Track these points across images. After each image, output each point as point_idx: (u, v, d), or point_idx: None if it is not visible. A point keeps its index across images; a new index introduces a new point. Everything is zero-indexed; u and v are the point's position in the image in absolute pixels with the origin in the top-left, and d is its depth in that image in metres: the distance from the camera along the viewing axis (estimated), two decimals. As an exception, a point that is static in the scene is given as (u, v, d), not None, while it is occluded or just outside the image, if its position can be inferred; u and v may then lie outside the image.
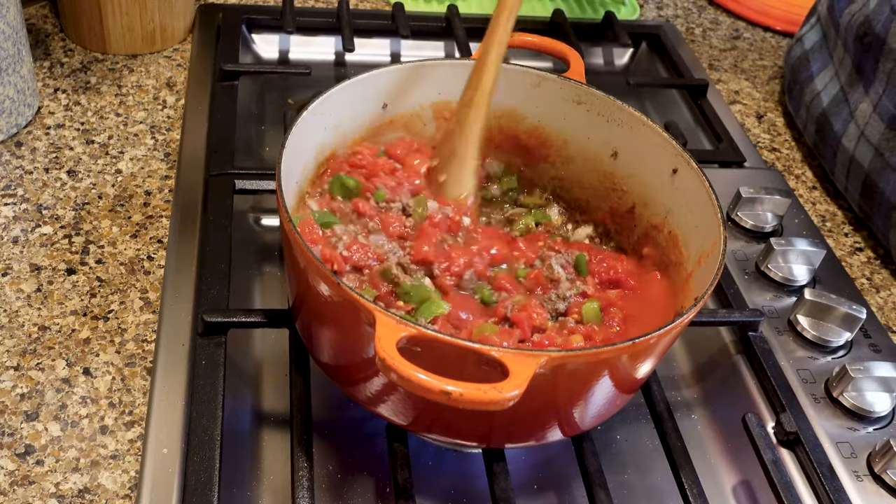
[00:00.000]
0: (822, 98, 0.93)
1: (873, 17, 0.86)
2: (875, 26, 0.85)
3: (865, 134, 0.83)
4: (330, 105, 0.64)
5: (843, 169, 0.88)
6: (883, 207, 0.83)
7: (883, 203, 0.83)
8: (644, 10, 1.19)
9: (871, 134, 0.83)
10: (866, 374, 0.66)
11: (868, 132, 0.83)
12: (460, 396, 0.44)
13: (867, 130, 0.83)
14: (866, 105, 0.85)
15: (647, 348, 0.52)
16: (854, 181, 0.87)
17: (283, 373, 0.65)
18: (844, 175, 0.88)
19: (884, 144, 0.82)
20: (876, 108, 0.83)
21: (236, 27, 0.96)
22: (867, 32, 0.86)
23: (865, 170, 0.84)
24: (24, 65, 0.81)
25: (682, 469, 0.60)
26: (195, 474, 0.55)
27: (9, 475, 0.57)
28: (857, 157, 0.85)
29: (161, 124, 0.86)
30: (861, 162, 0.85)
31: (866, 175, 0.84)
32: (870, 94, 0.85)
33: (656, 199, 0.66)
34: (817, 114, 0.93)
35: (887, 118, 0.82)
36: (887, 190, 0.82)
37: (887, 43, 0.82)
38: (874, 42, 0.85)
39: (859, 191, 0.87)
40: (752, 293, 0.75)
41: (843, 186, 0.90)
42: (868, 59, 0.86)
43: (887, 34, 0.83)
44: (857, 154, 0.85)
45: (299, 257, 0.52)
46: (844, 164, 0.88)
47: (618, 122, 0.67)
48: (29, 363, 0.63)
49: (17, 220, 0.74)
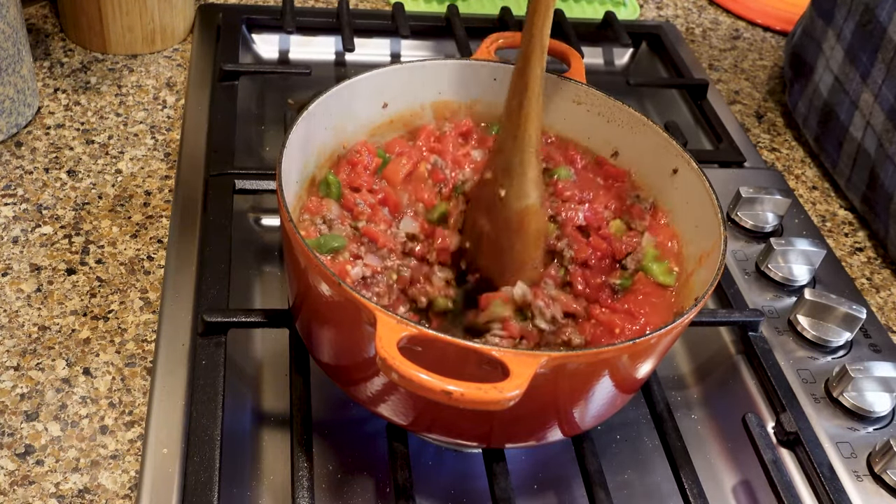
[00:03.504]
0: (821, 89, 0.92)
1: (876, 5, 0.85)
2: (879, 14, 0.84)
3: (871, 123, 0.83)
4: (330, 105, 0.63)
5: (848, 160, 0.88)
6: (883, 199, 0.83)
7: (883, 195, 0.83)
8: (644, 10, 1.19)
9: (875, 124, 0.83)
10: (866, 374, 0.66)
11: (873, 122, 0.83)
12: (461, 396, 0.44)
13: (872, 120, 0.83)
14: (868, 95, 0.85)
15: (647, 348, 0.52)
16: (860, 171, 0.86)
17: (283, 373, 0.65)
18: (850, 167, 0.88)
19: (884, 136, 0.82)
20: (877, 99, 0.83)
21: (236, 27, 0.96)
22: (870, 20, 0.85)
23: (872, 159, 0.84)
24: (24, 65, 0.81)
25: (682, 469, 0.60)
26: (195, 474, 0.55)
27: (9, 475, 0.57)
28: (864, 146, 0.85)
29: (161, 124, 0.86)
30: (868, 151, 0.84)
31: (872, 165, 0.84)
32: (868, 83, 0.84)
33: (657, 199, 0.66)
34: (820, 104, 0.93)
35: (887, 108, 0.82)
36: (887, 181, 0.82)
37: (888, 33, 0.82)
38: (875, 30, 0.84)
39: (865, 181, 0.86)
40: (752, 293, 0.75)
41: (846, 179, 0.90)
42: (866, 48, 0.85)
43: (889, 23, 0.82)
44: (864, 143, 0.84)
45: (299, 257, 0.52)
46: (851, 155, 0.87)
47: (618, 123, 0.67)
48: (29, 363, 0.63)
49: (17, 220, 0.74)
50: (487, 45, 0.72)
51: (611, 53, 1.09)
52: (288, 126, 0.59)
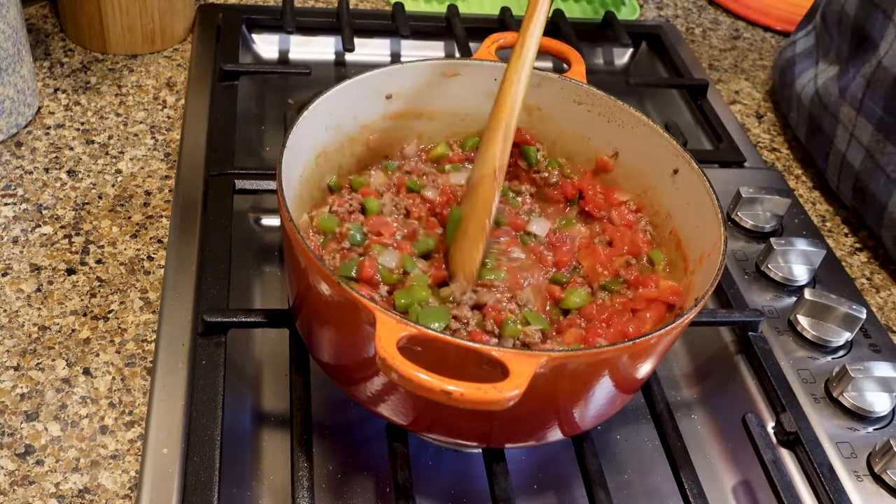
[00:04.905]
0: (804, 98, 0.93)
1: (866, 18, 0.86)
2: (869, 28, 0.85)
3: (855, 135, 0.83)
4: (330, 105, 0.63)
5: (834, 170, 0.89)
6: (875, 209, 0.83)
7: (874, 204, 0.83)
8: (644, 10, 1.19)
9: (860, 136, 0.83)
10: (866, 374, 0.66)
11: (857, 134, 0.83)
12: (461, 396, 0.44)
13: (856, 132, 0.83)
14: (847, 108, 0.85)
15: (647, 348, 0.52)
16: (846, 182, 0.87)
17: (283, 373, 0.65)
18: (836, 176, 0.89)
19: (874, 146, 0.82)
20: (860, 111, 0.83)
21: (236, 27, 0.96)
22: (861, 26, 0.86)
23: (856, 171, 0.84)
24: (24, 65, 0.81)
25: (682, 469, 0.60)
26: (195, 474, 0.55)
27: (9, 475, 0.57)
28: (848, 158, 0.85)
29: (161, 124, 0.86)
30: (852, 163, 0.85)
31: (856, 176, 0.84)
32: (846, 97, 0.85)
33: (657, 200, 0.66)
34: (806, 115, 0.93)
35: (875, 120, 0.82)
36: (877, 191, 0.82)
37: (880, 48, 0.82)
38: (866, 41, 0.85)
39: (850, 192, 0.87)
40: (752, 293, 0.75)
41: (835, 186, 0.90)
42: (856, 58, 0.86)
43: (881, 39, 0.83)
44: (848, 156, 0.85)
45: (300, 257, 0.52)
46: (836, 166, 0.88)
47: (619, 123, 0.67)
48: (29, 363, 0.63)
49: (17, 220, 0.74)
50: (487, 46, 0.72)
51: (611, 53, 1.09)
52: (288, 126, 0.59)
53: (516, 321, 0.57)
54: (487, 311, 0.57)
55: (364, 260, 0.58)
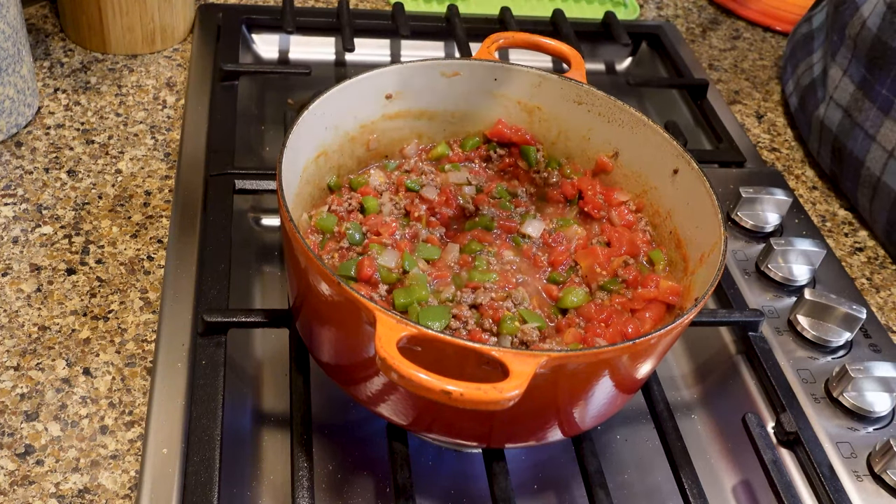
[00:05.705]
0: (814, 70, 0.93)
1: None
2: None
3: (834, 97, 0.84)
4: (330, 105, 0.64)
5: (816, 135, 0.89)
6: (852, 168, 0.84)
7: (852, 163, 0.84)
8: (644, 10, 1.19)
9: (840, 97, 0.84)
10: (866, 374, 0.66)
11: (837, 95, 0.84)
12: (460, 396, 0.44)
13: (836, 94, 0.84)
14: (836, 70, 0.86)
15: (647, 348, 0.52)
16: (825, 145, 0.87)
17: (283, 373, 0.65)
18: (818, 141, 0.89)
19: (853, 105, 0.83)
20: (846, 72, 0.84)
21: (236, 27, 0.96)
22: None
23: (834, 132, 0.85)
24: (24, 65, 0.81)
25: (682, 469, 0.60)
26: (195, 474, 0.55)
27: (9, 475, 0.57)
28: (825, 122, 0.86)
29: (161, 124, 0.86)
30: (830, 126, 0.85)
31: (835, 137, 0.85)
32: (837, 59, 0.85)
33: (657, 200, 0.66)
34: (805, 84, 0.94)
35: (858, 79, 0.82)
36: (855, 149, 0.83)
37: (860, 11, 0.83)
38: (848, 9, 0.85)
39: (829, 155, 0.87)
40: (752, 293, 0.75)
41: (816, 153, 0.91)
42: (837, 27, 0.86)
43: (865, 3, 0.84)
44: (826, 119, 0.85)
45: (299, 257, 0.52)
46: (817, 132, 0.88)
47: (619, 123, 0.67)
48: (29, 363, 0.63)
49: (17, 220, 0.74)
50: (487, 46, 0.72)
51: (611, 53, 1.09)
52: (288, 126, 0.59)
53: (514, 318, 0.57)
54: (484, 310, 0.58)
55: (363, 259, 0.58)
